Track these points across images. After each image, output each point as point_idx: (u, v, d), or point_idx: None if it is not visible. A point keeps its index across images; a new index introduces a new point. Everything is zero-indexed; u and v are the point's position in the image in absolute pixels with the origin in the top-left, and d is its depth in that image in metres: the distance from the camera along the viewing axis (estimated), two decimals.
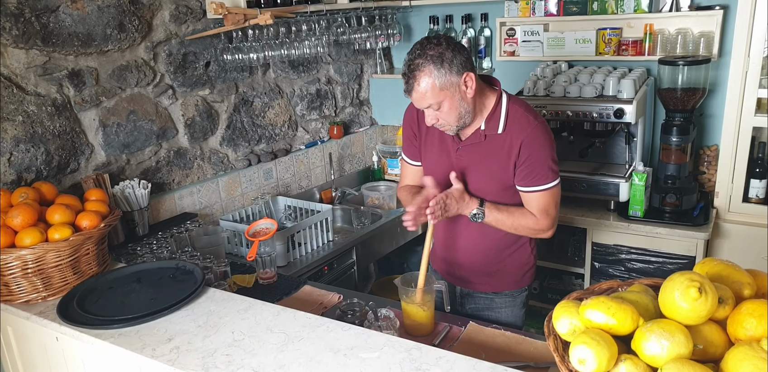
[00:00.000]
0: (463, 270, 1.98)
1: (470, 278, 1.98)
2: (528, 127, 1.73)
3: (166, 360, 1.38)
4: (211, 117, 2.63)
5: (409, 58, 1.64)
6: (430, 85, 1.62)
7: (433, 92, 1.63)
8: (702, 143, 2.85)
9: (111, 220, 1.79)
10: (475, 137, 1.79)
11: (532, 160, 1.74)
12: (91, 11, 2.10)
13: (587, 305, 1.07)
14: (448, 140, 1.84)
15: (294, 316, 1.55)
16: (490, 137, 1.77)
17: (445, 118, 1.70)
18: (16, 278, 1.64)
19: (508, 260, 1.95)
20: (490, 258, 1.93)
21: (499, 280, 1.97)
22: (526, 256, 1.97)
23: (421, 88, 1.63)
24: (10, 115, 1.94)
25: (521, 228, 1.81)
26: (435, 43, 1.63)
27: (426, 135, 1.89)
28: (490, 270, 1.95)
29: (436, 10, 3.27)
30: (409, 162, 1.99)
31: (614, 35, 2.80)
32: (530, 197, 1.79)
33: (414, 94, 1.66)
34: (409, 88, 1.65)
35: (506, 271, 1.96)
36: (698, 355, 1.01)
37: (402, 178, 2.05)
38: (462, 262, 1.97)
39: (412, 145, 1.95)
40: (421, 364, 1.30)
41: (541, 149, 1.74)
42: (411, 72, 1.63)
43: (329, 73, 3.26)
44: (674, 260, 2.55)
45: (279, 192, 2.96)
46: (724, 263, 1.15)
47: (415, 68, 1.62)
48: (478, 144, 1.79)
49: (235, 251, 2.45)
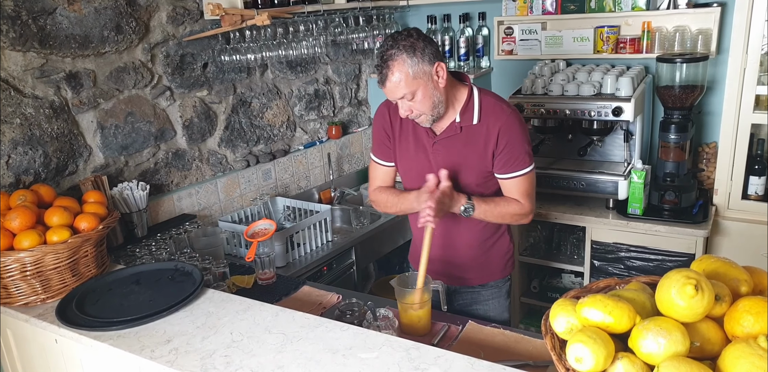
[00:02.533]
0: (450, 266, 2.00)
1: (458, 274, 2.00)
2: (503, 115, 1.80)
3: (165, 361, 1.38)
4: (209, 118, 2.63)
5: (382, 50, 1.68)
6: (404, 74, 1.66)
7: (407, 81, 1.67)
8: (701, 141, 2.85)
9: (109, 222, 1.79)
10: (451, 130, 1.82)
11: (511, 147, 1.79)
12: (88, 13, 2.10)
13: (584, 303, 1.07)
14: (423, 136, 1.87)
15: (293, 316, 1.55)
16: (466, 129, 1.82)
17: (419, 108, 1.73)
18: (14, 281, 1.64)
19: (492, 250, 1.99)
20: (475, 250, 1.97)
21: (486, 271, 2.01)
22: (506, 244, 2.02)
23: (395, 78, 1.66)
24: (8, 118, 1.94)
25: (507, 215, 1.85)
26: (406, 34, 1.69)
27: (400, 134, 1.91)
28: (477, 262, 1.98)
29: (434, 10, 3.27)
30: (380, 163, 1.99)
31: (612, 33, 2.80)
32: (511, 183, 1.84)
33: (388, 84, 1.68)
34: (383, 78, 1.68)
35: (491, 262, 2.01)
36: (695, 352, 1.01)
37: (372, 180, 2.04)
38: (449, 259, 1.99)
39: (384, 146, 1.96)
40: (420, 363, 1.30)
41: (518, 135, 1.80)
42: (384, 62, 1.67)
43: (327, 74, 3.26)
44: (674, 258, 2.55)
45: (278, 192, 2.97)
46: (721, 260, 1.15)
47: (388, 58, 1.66)
48: (455, 136, 1.83)
49: (234, 252, 2.45)
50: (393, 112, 1.87)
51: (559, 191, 2.78)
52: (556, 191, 2.79)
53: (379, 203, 2.00)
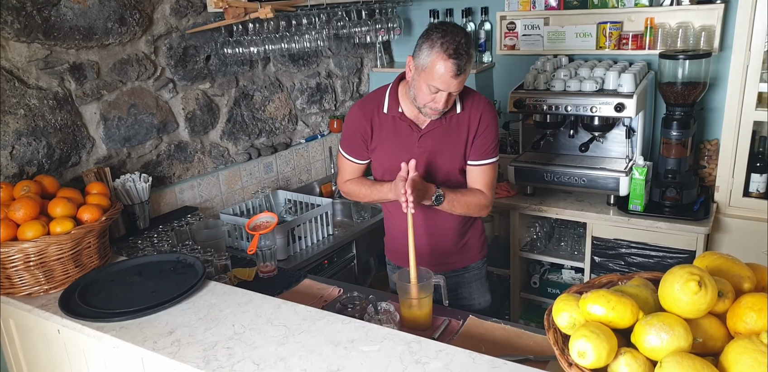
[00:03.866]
0: (434, 253, 2.04)
1: (441, 259, 2.06)
2: (482, 103, 1.91)
3: (167, 353, 1.38)
4: (212, 111, 2.63)
5: (460, 41, 1.67)
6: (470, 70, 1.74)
7: (467, 76, 1.75)
8: (702, 137, 2.85)
9: (112, 214, 1.79)
10: (437, 122, 1.88)
11: (488, 132, 1.91)
12: (92, 5, 2.10)
13: (587, 299, 1.07)
14: (405, 132, 1.91)
15: (294, 309, 1.55)
16: (450, 118, 1.89)
17: (451, 101, 1.80)
18: (18, 271, 1.64)
19: (469, 233, 2.09)
20: (455, 235, 2.05)
21: (467, 253, 2.11)
22: (480, 226, 2.14)
23: (468, 71, 1.72)
24: (12, 109, 1.94)
25: (472, 205, 1.93)
26: (461, 28, 1.73)
27: (380, 133, 1.95)
28: (457, 247, 2.08)
29: (437, 4, 3.26)
30: (352, 160, 2.02)
31: (615, 29, 2.80)
32: (478, 171, 1.94)
33: (462, 77, 1.72)
34: (460, 70, 1.69)
35: (471, 243, 2.11)
36: (698, 348, 1.01)
37: (342, 173, 2.08)
38: (432, 246, 2.03)
39: (358, 146, 1.98)
40: (421, 357, 1.31)
41: (494, 124, 1.93)
42: (467, 54, 1.69)
43: (329, 67, 3.25)
44: (674, 255, 2.55)
45: (279, 186, 2.97)
46: (724, 257, 1.15)
47: (467, 53, 1.69)
48: (440, 127, 1.89)
49: (236, 245, 2.45)
50: (370, 114, 1.93)
51: (560, 187, 2.78)
52: (557, 187, 2.79)
53: (351, 194, 2.07)
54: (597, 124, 2.69)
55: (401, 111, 1.90)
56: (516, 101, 2.73)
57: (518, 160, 2.89)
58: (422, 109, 1.82)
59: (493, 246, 3.11)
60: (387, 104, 1.91)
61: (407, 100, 1.87)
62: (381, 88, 1.97)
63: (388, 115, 1.91)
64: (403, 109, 1.90)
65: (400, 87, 1.92)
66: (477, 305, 2.16)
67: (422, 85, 1.74)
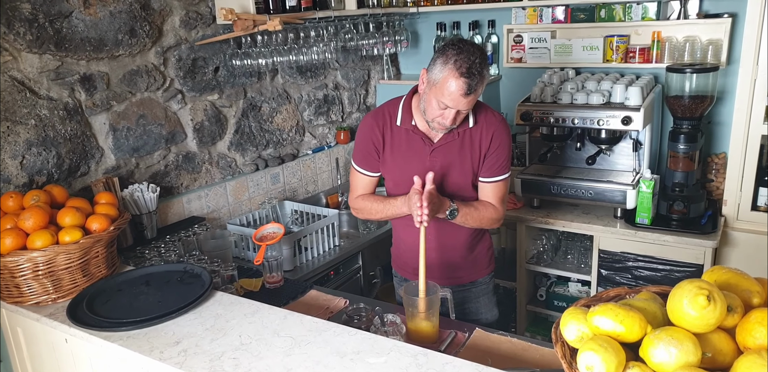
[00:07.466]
0: (443, 267, 2.03)
1: (450, 273, 2.04)
2: (495, 120, 1.89)
3: (173, 363, 1.38)
4: (220, 122, 2.65)
5: (474, 60, 1.66)
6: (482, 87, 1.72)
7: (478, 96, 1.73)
8: (710, 151, 2.85)
9: (120, 224, 1.80)
10: (450, 136, 1.87)
11: (500, 151, 1.89)
12: (103, 17, 2.12)
13: (595, 312, 1.07)
14: (418, 145, 1.90)
15: (300, 320, 1.55)
16: (463, 133, 1.88)
17: (462, 117, 1.79)
18: (26, 280, 1.65)
19: (477, 247, 2.07)
20: (464, 249, 2.03)
21: (476, 267, 2.09)
22: (488, 240, 2.13)
23: (479, 91, 1.70)
24: (23, 119, 1.96)
25: (485, 219, 1.91)
26: (478, 46, 1.72)
27: (392, 145, 1.93)
28: (466, 261, 2.06)
29: (444, 17, 3.29)
30: (364, 173, 1.99)
31: (622, 42, 2.81)
32: (491, 187, 1.92)
33: (472, 96, 1.70)
34: (471, 89, 1.68)
35: (479, 257, 2.09)
36: (707, 363, 1.01)
37: (354, 189, 2.04)
38: (441, 260, 2.02)
39: (370, 157, 1.96)
40: (428, 369, 1.31)
41: (508, 139, 1.91)
42: (480, 74, 1.67)
43: (336, 79, 3.27)
44: (682, 268, 2.54)
45: (286, 196, 2.97)
46: (732, 271, 1.15)
47: (480, 73, 1.67)
48: (452, 142, 1.88)
49: (242, 255, 2.46)
50: (383, 125, 1.91)
51: (567, 200, 2.78)
52: (564, 200, 2.79)
53: (362, 210, 2.00)
54: (604, 137, 2.69)
55: (414, 124, 1.88)
56: (523, 114, 2.74)
57: (525, 172, 2.89)
58: (430, 123, 1.81)
59: (500, 258, 3.11)
60: (400, 116, 1.90)
61: (420, 113, 1.86)
62: (394, 100, 1.95)
63: (401, 127, 1.90)
64: (416, 122, 1.89)
65: (414, 100, 1.91)
66: (484, 320, 2.13)
67: (432, 100, 1.74)
